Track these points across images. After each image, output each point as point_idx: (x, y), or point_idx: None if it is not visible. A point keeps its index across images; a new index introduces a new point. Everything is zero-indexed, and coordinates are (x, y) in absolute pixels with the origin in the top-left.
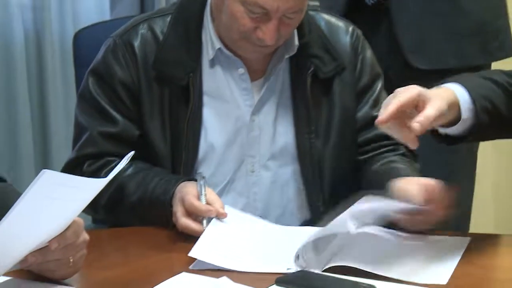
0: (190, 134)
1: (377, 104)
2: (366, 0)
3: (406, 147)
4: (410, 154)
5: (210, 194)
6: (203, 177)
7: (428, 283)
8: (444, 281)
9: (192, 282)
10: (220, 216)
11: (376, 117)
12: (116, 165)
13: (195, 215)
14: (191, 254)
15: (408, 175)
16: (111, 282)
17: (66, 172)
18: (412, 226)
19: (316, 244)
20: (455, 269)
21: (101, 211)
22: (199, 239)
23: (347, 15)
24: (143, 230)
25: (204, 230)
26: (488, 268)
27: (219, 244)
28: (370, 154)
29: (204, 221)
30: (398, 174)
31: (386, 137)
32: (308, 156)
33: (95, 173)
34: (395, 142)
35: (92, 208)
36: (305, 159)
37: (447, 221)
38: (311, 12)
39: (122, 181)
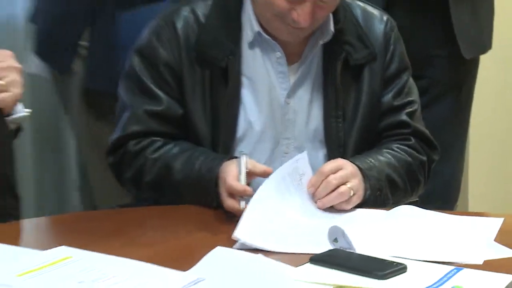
0: (229, 114)
1: (400, 94)
2: None
3: (418, 136)
4: (421, 146)
5: (255, 165)
6: (244, 154)
7: (464, 263)
8: (480, 261)
9: (229, 256)
10: (267, 172)
11: (396, 106)
12: (160, 145)
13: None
14: (235, 236)
15: (362, 158)
16: (153, 258)
17: (111, 151)
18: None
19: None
20: (489, 249)
21: (145, 189)
22: (241, 221)
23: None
24: (186, 208)
25: (242, 209)
26: None
27: (259, 226)
28: (384, 140)
29: (243, 202)
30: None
31: (402, 126)
32: (335, 140)
33: (139, 153)
34: (409, 132)
35: (136, 186)
36: (332, 142)
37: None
38: (348, 0)
39: (168, 160)
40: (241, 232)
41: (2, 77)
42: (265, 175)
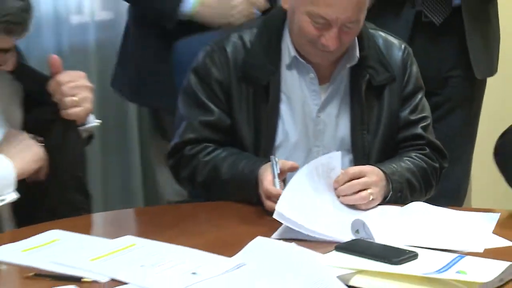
0: (269, 125)
1: (415, 111)
2: (434, 21)
3: (431, 147)
4: (433, 152)
5: (284, 163)
6: (273, 158)
7: (466, 251)
8: (480, 249)
9: (267, 245)
10: (294, 167)
11: (412, 121)
12: (211, 150)
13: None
14: (276, 211)
15: (387, 164)
16: (203, 246)
17: (170, 154)
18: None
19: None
20: (489, 239)
21: (198, 187)
22: (279, 200)
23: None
24: (232, 204)
25: None
26: None
27: (295, 204)
28: (403, 150)
29: (281, 195)
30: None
31: (418, 138)
32: (361, 148)
33: (194, 156)
34: (424, 143)
35: (190, 184)
36: (357, 151)
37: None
38: (371, 31)
39: (217, 163)
40: (281, 207)
41: (75, 94)
42: (294, 169)
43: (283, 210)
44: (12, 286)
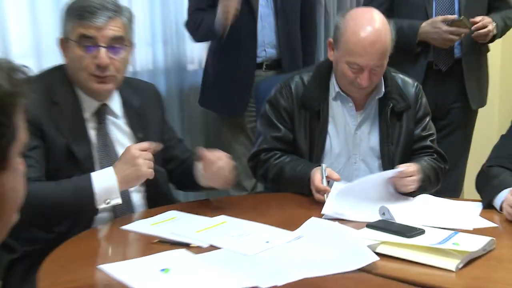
0: (320, 139)
1: (425, 129)
2: (441, 69)
3: (438, 154)
4: (439, 158)
5: (331, 172)
6: (324, 165)
7: (460, 229)
8: (470, 228)
9: (318, 223)
10: (336, 180)
11: (423, 136)
12: (279, 156)
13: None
14: (322, 212)
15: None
16: (273, 223)
17: (250, 159)
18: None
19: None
20: (476, 221)
21: (269, 182)
22: (325, 204)
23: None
24: (292, 195)
25: (325, 200)
26: (503, 220)
27: (337, 206)
28: (417, 157)
29: (325, 195)
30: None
31: (428, 148)
32: (386, 156)
33: (267, 161)
34: (432, 151)
35: (264, 180)
36: (384, 157)
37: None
38: (393, 73)
39: (282, 165)
40: (326, 209)
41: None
42: (337, 180)
43: (327, 212)
44: (144, 248)
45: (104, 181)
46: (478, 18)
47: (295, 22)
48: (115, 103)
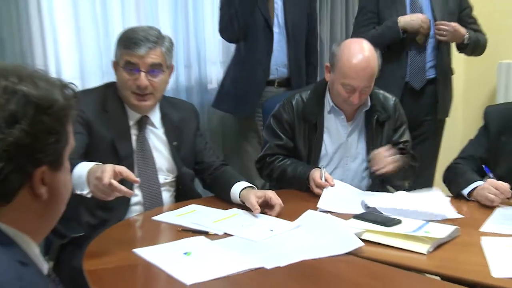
0: (317, 146)
1: (402, 136)
2: (415, 88)
3: (412, 156)
4: (410, 156)
5: (328, 175)
6: (323, 167)
7: (431, 220)
8: (455, 216)
9: (314, 215)
10: (331, 186)
11: (398, 143)
12: (281, 159)
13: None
14: (318, 206)
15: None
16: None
17: (257, 161)
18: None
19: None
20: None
21: (273, 181)
22: (320, 199)
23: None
24: (293, 191)
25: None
26: (467, 211)
27: (330, 201)
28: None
29: (324, 189)
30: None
31: (401, 152)
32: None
33: (272, 163)
34: (405, 152)
35: (269, 179)
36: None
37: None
38: (376, 90)
39: (284, 167)
40: (320, 204)
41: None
42: (331, 185)
43: (321, 206)
44: (170, 234)
45: (79, 172)
46: (454, 24)
47: (302, 49)
48: (155, 116)
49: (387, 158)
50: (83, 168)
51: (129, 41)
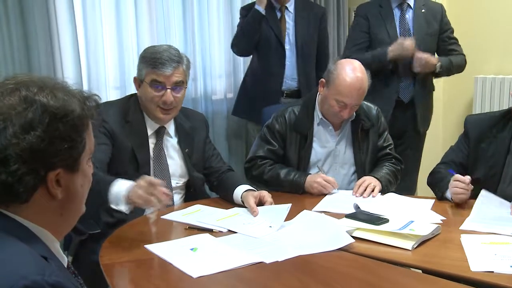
0: (306, 154)
1: (385, 141)
2: (404, 100)
3: (395, 159)
4: (397, 161)
5: (328, 177)
6: (322, 170)
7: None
8: (440, 220)
9: (309, 214)
10: (334, 186)
11: (384, 146)
12: (271, 164)
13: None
14: (314, 209)
15: (377, 173)
16: None
17: (247, 161)
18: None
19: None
20: (427, 214)
21: (262, 181)
22: (319, 204)
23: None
24: (287, 194)
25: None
26: (447, 212)
27: (326, 203)
28: (381, 162)
29: (325, 197)
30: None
31: (388, 155)
32: (359, 163)
33: (262, 165)
34: (392, 157)
35: (257, 179)
36: (358, 165)
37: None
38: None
39: (277, 171)
40: (318, 208)
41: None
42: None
43: (318, 208)
44: (177, 231)
45: (117, 189)
46: (425, 55)
47: (312, 64)
48: (171, 127)
49: (368, 187)
50: (121, 186)
51: (155, 61)
